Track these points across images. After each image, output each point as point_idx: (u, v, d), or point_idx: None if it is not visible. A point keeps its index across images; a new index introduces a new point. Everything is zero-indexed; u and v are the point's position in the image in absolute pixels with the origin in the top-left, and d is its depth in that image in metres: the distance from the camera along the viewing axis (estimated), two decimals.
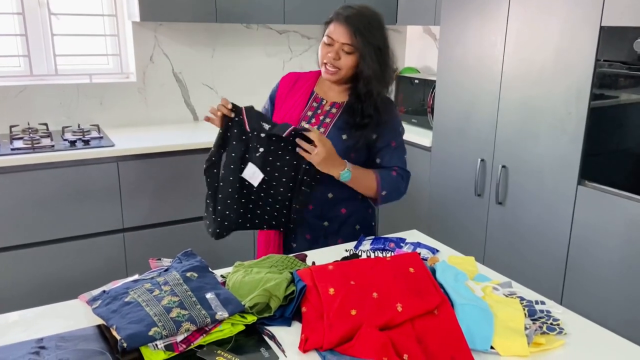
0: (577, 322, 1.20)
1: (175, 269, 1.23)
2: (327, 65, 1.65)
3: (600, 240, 2.11)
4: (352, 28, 1.60)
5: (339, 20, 1.63)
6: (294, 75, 1.83)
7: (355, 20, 1.62)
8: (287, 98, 1.78)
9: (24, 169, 2.35)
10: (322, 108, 1.74)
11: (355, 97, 1.68)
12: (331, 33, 1.64)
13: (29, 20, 2.83)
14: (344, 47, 1.62)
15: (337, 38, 1.62)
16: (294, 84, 1.80)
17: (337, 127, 1.70)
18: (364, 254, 1.47)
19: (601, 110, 2.08)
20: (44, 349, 1.04)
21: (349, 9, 1.64)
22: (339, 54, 1.63)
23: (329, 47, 1.64)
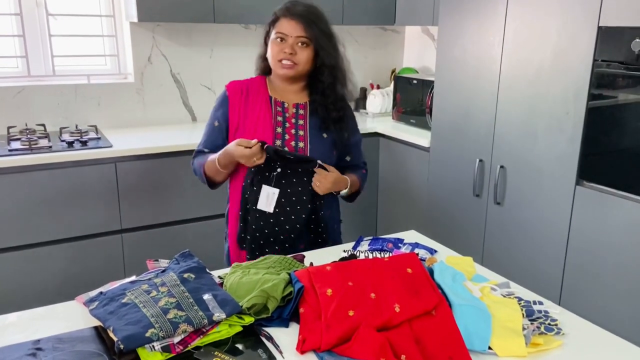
0: (575, 323, 1.20)
1: (173, 270, 1.23)
2: (282, 62, 1.64)
3: (598, 240, 2.11)
4: (304, 20, 1.62)
5: (288, 15, 1.63)
6: (238, 84, 1.76)
7: (305, 12, 1.64)
8: (246, 110, 1.71)
9: (22, 170, 2.35)
10: (287, 111, 1.72)
11: (319, 93, 1.70)
12: (282, 29, 1.63)
13: (27, 21, 2.82)
14: (299, 40, 1.63)
15: (290, 33, 1.62)
16: (247, 93, 1.73)
17: (314, 127, 1.71)
18: (362, 255, 1.47)
19: (599, 110, 2.08)
20: (41, 351, 1.03)
21: (293, 4, 1.66)
22: (294, 49, 1.62)
23: (281, 44, 1.63)
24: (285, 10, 1.65)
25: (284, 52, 1.63)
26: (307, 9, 1.65)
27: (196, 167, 1.75)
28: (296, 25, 1.62)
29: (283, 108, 1.72)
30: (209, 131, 1.76)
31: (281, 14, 1.65)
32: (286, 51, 1.62)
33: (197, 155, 1.77)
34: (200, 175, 1.73)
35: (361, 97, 3.76)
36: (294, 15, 1.63)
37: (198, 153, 1.77)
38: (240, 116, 1.70)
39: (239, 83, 1.76)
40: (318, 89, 1.70)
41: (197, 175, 1.76)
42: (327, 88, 1.69)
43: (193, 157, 1.79)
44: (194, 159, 1.77)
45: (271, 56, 1.66)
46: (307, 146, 1.70)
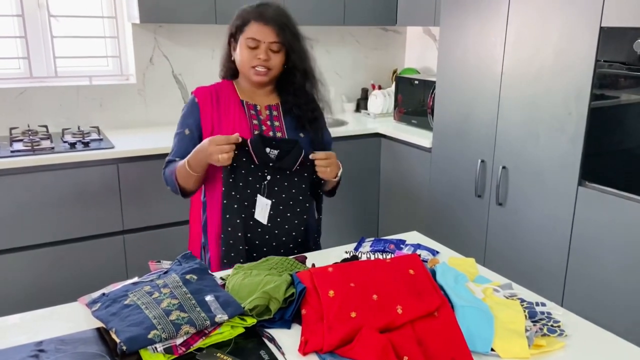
0: (577, 324, 1.20)
1: (175, 272, 1.23)
2: (257, 68, 1.60)
3: (601, 241, 2.10)
4: (277, 25, 1.59)
5: (261, 20, 1.59)
6: (206, 90, 1.69)
7: (277, 17, 1.61)
8: (220, 115, 1.65)
9: (24, 171, 2.35)
10: (261, 114, 1.69)
11: (291, 94, 1.68)
12: (254, 34, 1.59)
13: (29, 23, 2.83)
14: (272, 46, 1.60)
15: (264, 38, 1.59)
16: (217, 98, 1.67)
17: (289, 127, 1.69)
18: (363, 256, 1.47)
19: (601, 110, 2.08)
20: (43, 352, 1.03)
21: (264, 7, 1.62)
22: (268, 54, 1.59)
23: (255, 50, 1.59)
24: (258, 14, 1.60)
25: (258, 58, 1.59)
26: (278, 12, 1.62)
27: (167, 176, 1.65)
28: (269, 31, 1.59)
29: (256, 111, 1.68)
30: (179, 140, 1.66)
31: (253, 18, 1.60)
32: (261, 57, 1.59)
33: (167, 165, 1.67)
34: (172, 184, 1.64)
35: (362, 98, 3.76)
36: (267, 21, 1.59)
37: (169, 163, 1.67)
38: (214, 122, 1.64)
39: (207, 89, 1.69)
40: (289, 90, 1.69)
41: (169, 184, 1.66)
42: (298, 89, 1.68)
43: (164, 167, 1.69)
44: (165, 169, 1.68)
45: (243, 62, 1.62)
46: (284, 136, 1.68)
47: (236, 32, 1.64)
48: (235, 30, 1.64)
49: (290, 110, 1.69)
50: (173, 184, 1.63)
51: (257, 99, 1.70)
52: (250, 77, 1.64)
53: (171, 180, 1.63)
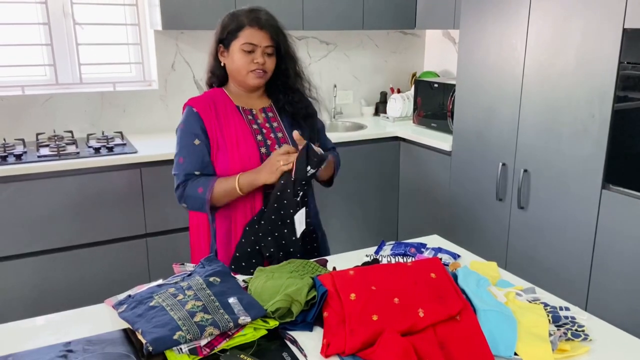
0: (602, 329, 1.18)
1: (199, 274, 1.25)
2: (255, 72, 1.62)
3: (625, 244, 2.07)
4: (272, 29, 1.63)
5: (256, 25, 1.61)
6: (202, 100, 1.67)
7: (271, 21, 1.64)
8: (221, 126, 1.63)
9: (50, 175, 2.41)
10: (258, 117, 1.70)
11: (281, 93, 1.71)
12: (251, 39, 1.60)
13: (55, 30, 2.90)
14: (267, 49, 1.63)
15: (260, 43, 1.61)
16: (215, 108, 1.65)
17: (287, 126, 1.72)
18: (384, 259, 1.47)
19: (625, 112, 2.05)
20: (71, 352, 1.06)
21: (257, 12, 1.64)
22: (264, 58, 1.62)
23: (251, 54, 1.61)
24: (253, 19, 1.61)
25: (256, 62, 1.61)
26: (270, 17, 1.65)
27: (192, 194, 1.58)
28: (265, 35, 1.62)
29: (253, 115, 1.69)
30: (190, 152, 1.61)
31: (247, 23, 1.61)
32: (259, 61, 1.61)
33: (187, 180, 1.61)
34: (198, 201, 1.57)
35: (381, 102, 3.76)
36: (262, 25, 1.61)
37: (188, 177, 1.61)
38: (217, 133, 1.62)
39: (202, 98, 1.68)
40: (279, 90, 1.72)
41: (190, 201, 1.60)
42: (289, 88, 1.71)
43: (180, 184, 1.62)
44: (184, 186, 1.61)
45: (239, 67, 1.62)
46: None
47: (227, 37, 1.64)
48: (226, 35, 1.64)
49: (283, 108, 1.72)
50: (201, 201, 1.57)
51: (251, 102, 1.72)
52: (247, 81, 1.65)
53: (199, 198, 1.57)
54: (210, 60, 1.73)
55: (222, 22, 1.67)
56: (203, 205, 1.58)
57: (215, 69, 1.72)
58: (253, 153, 1.63)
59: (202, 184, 1.58)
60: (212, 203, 1.58)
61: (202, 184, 1.59)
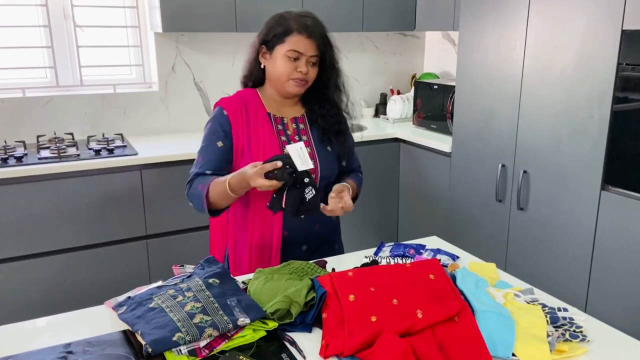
0: (600, 329, 1.19)
1: (198, 276, 1.25)
2: (296, 80, 1.56)
3: (624, 245, 2.07)
4: (318, 39, 1.56)
5: (305, 33, 1.54)
6: (234, 102, 1.60)
7: (320, 29, 1.57)
8: (249, 131, 1.57)
9: (51, 177, 2.41)
10: (288, 128, 1.63)
11: (317, 104, 1.64)
12: (297, 47, 1.53)
13: (55, 33, 2.91)
14: (312, 59, 1.56)
15: (306, 51, 1.54)
16: (246, 113, 1.58)
17: (317, 141, 1.64)
18: (383, 261, 1.47)
19: (625, 113, 2.05)
20: (71, 354, 1.06)
21: (306, 19, 1.56)
22: (307, 67, 1.56)
23: (295, 62, 1.54)
24: (303, 27, 1.54)
25: (299, 71, 1.54)
26: (319, 24, 1.58)
27: (194, 191, 1.53)
28: (312, 44, 1.55)
29: (283, 125, 1.62)
30: (209, 152, 1.56)
31: (296, 29, 1.54)
32: (302, 70, 1.54)
33: (194, 179, 1.55)
34: (199, 200, 1.50)
35: (381, 103, 3.76)
36: (310, 33, 1.54)
37: (196, 176, 1.55)
38: (244, 139, 1.57)
39: (234, 100, 1.61)
40: (315, 100, 1.65)
41: (194, 200, 1.53)
42: (326, 100, 1.64)
43: (189, 181, 1.56)
44: (191, 182, 1.55)
45: (281, 73, 1.56)
46: (317, 163, 1.61)
47: (272, 40, 1.56)
48: (271, 38, 1.56)
49: (316, 121, 1.65)
50: (200, 201, 1.50)
51: (284, 110, 1.64)
52: (286, 89, 1.58)
53: (199, 196, 1.50)
54: (249, 60, 1.64)
55: (268, 23, 1.59)
56: (202, 204, 1.50)
57: (254, 70, 1.64)
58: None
59: (203, 182, 1.51)
60: (211, 204, 1.50)
61: (203, 182, 1.51)
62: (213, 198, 1.49)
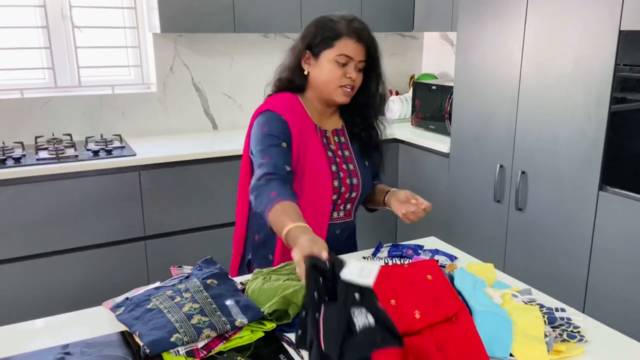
0: (598, 330, 1.19)
1: (196, 276, 1.25)
2: (344, 88, 1.47)
3: (622, 246, 2.07)
4: (367, 43, 1.48)
5: (355, 37, 1.46)
6: (286, 108, 1.49)
7: (367, 33, 1.49)
8: (306, 145, 1.47)
9: (49, 178, 2.41)
10: (330, 140, 1.54)
11: (358, 116, 1.56)
12: (347, 51, 1.45)
13: (53, 34, 2.91)
14: (359, 64, 1.48)
15: (355, 56, 1.46)
16: (301, 120, 1.48)
17: (357, 156, 1.57)
18: (381, 261, 1.48)
19: (622, 114, 2.05)
20: (69, 355, 1.06)
21: (355, 22, 1.49)
22: (355, 73, 1.48)
23: (344, 68, 1.46)
24: (353, 31, 1.45)
25: (348, 77, 1.46)
26: (367, 29, 1.49)
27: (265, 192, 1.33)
28: (361, 49, 1.46)
29: (326, 138, 1.53)
30: (276, 152, 1.41)
31: (346, 33, 1.45)
32: (352, 76, 1.46)
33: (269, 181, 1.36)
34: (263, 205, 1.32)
35: None
36: (360, 38, 1.46)
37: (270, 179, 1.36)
38: (300, 153, 1.46)
39: (287, 108, 1.48)
40: (357, 111, 1.56)
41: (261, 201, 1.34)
42: (367, 111, 1.56)
43: (261, 177, 1.37)
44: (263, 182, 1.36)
45: (329, 79, 1.46)
46: (359, 180, 1.55)
47: (319, 45, 1.47)
48: (318, 42, 1.47)
49: (358, 134, 1.57)
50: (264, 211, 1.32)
51: (324, 121, 1.56)
52: (333, 97, 1.49)
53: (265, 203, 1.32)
54: (289, 66, 1.54)
55: (313, 27, 1.51)
56: (264, 211, 1.32)
57: (295, 77, 1.53)
58: (327, 186, 1.47)
59: (277, 190, 1.33)
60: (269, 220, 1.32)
61: (279, 191, 1.32)
62: (272, 222, 1.30)
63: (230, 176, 2.81)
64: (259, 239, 1.61)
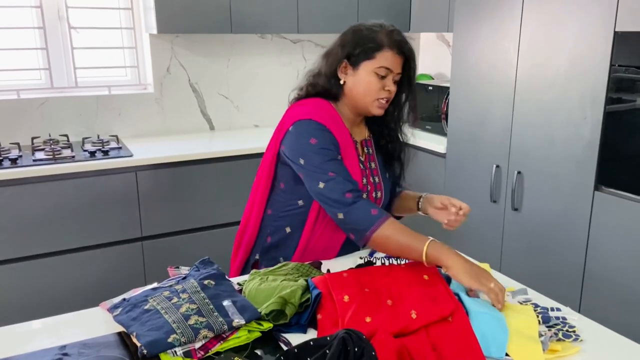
0: (594, 329, 1.20)
1: (193, 277, 1.26)
2: (381, 100, 1.45)
3: (618, 245, 2.09)
4: (407, 56, 1.45)
5: (396, 48, 1.43)
6: (329, 120, 1.45)
7: (407, 46, 1.45)
8: (346, 154, 1.45)
9: (46, 179, 2.41)
10: (359, 153, 1.52)
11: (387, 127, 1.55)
12: (387, 63, 1.42)
13: (50, 34, 2.90)
14: (396, 77, 1.46)
15: (395, 69, 1.44)
16: (340, 131, 1.45)
17: (382, 168, 1.55)
18: (378, 261, 1.48)
19: (617, 114, 2.07)
20: (67, 356, 1.06)
21: (396, 34, 1.45)
22: (394, 86, 1.45)
23: (383, 80, 1.43)
24: (395, 43, 1.42)
25: (387, 89, 1.44)
26: (407, 41, 1.46)
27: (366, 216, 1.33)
28: (400, 61, 1.44)
29: (356, 149, 1.50)
30: (339, 167, 1.39)
31: (387, 45, 1.42)
32: (390, 89, 1.43)
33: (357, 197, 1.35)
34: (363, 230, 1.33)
35: None
36: (400, 50, 1.43)
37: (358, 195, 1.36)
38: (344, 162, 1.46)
39: (327, 117, 1.44)
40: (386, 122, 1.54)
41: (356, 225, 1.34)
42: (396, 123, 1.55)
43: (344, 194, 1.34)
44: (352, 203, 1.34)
45: (366, 91, 1.44)
46: (382, 194, 1.55)
47: (359, 55, 1.44)
48: (359, 52, 1.44)
49: (385, 146, 1.56)
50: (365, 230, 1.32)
51: (354, 131, 1.53)
52: (369, 109, 1.46)
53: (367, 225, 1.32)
54: (325, 73, 1.50)
55: (352, 36, 1.47)
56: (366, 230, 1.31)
57: (332, 85, 1.48)
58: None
59: (378, 208, 1.34)
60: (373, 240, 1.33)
61: (379, 209, 1.34)
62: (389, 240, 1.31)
63: (227, 177, 2.82)
64: (271, 240, 1.61)
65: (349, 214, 1.35)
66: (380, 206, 1.58)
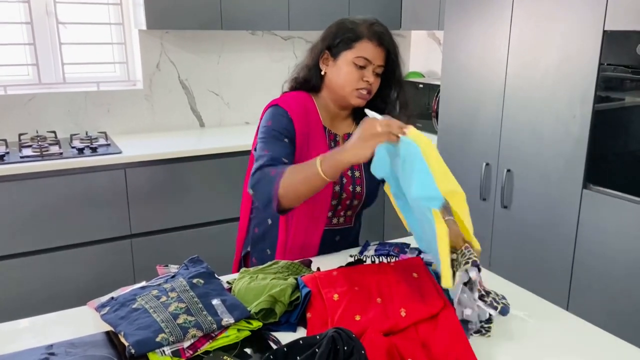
0: (581, 327, 1.21)
1: (182, 276, 1.25)
2: (360, 91, 1.46)
3: (606, 243, 2.10)
4: (389, 49, 1.46)
5: (375, 39, 1.44)
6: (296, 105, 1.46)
7: (389, 39, 1.46)
8: (309, 144, 1.44)
9: (33, 176, 2.38)
10: (339, 144, 1.51)
11: None
12: (368, 54, 1.43)
13: (37, 30, 2.87)
14: (378, 69, 1.46)
15: (375, 60, 1.44)
16: (307, 121, 1.45)
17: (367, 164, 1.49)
18: (368, 260, 1.48)
19: (606, 113, 2.08)
20: (54, 355, 1.05)
21: (377, 26, 1.47)
22: (373, 77, 1.46)
23: (362, 70, 1.44)
24: (374, 33, 1.44)
25: (365, 80, 1.44)
26: (389, 33, 1.47)
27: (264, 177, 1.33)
28: (381, 53, 1.45)
29: (335, 142, 1.51)
30: (278, 146, 1.39)
31: (367, 36, 1.43)
32: (369, 80, 1.44)
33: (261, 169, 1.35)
34: (268, 191, 1.30)
35: None
36: (381, 41, 1.44)
37: (264, 167, 1.35)
38: (302, 154, 1.44)
39: (297, 105, 1.45)
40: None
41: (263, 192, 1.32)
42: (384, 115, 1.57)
43: (256, 170, 1.36)
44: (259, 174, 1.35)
45: (346, 81, 1.45)
46: (363, 189, 1.55)
47: (338, 45, 1.46)
48: (338, 43, 1.46)
49: None
50: (270, 192, 1.30)
51: (336, 124, 1.54)
52: (348, 100, 1.47)
53: (270, 181, 1.30)
54: (307, 65, 1.53)
55: (334, 28, 1.49)
56: (270, 196, 1.29)
57: (312, 76, 1.51)
58: (326, 189, 1.42)
59: (277, 168, 1.33)
60: (282, 196, 1.29)
61: (278, 168, 1.33)
62: (289, 185, 1.28)
63: (217, 174, 2.81)
64: (258, 232, 1.63)
65: (255, 187, 1.35)
66: (362, 201, 1.58)
